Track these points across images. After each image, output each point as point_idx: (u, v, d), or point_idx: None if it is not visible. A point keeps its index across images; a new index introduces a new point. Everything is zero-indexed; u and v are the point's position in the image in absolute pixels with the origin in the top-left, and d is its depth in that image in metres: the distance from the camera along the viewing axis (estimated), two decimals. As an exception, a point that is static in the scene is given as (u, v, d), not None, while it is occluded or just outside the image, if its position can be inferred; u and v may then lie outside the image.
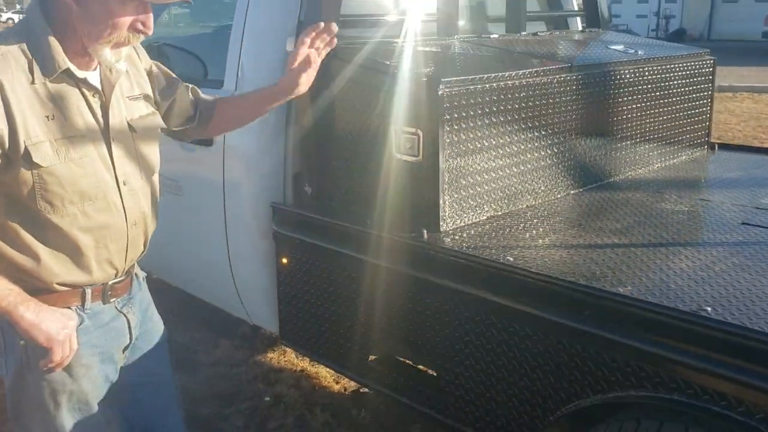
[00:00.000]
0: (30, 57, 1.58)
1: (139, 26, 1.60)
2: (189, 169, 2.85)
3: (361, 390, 3.43)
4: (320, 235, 2.43)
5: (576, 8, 3.69)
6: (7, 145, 1.54)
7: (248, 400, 3.32)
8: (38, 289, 1.65)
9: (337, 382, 3.50)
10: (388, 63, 2.35)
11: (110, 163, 1.70)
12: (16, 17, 65.12)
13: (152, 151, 1.84)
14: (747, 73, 16.98)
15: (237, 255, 2.74)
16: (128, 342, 1.88)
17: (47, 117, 1.59)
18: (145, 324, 1.94)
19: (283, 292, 2.61)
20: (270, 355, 3.76)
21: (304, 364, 3.67)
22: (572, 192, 2.63)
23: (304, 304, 2.54)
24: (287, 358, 3.72)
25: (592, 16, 3.61)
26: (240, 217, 2.66)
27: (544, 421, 1.87)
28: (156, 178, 1.88)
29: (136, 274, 1.92)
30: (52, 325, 1.62)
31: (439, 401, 2.15)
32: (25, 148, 1.55)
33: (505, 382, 1.94)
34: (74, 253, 1.68)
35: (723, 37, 28.33)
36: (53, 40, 1.59)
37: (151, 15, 1.62)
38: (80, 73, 1.64)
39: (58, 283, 1.68)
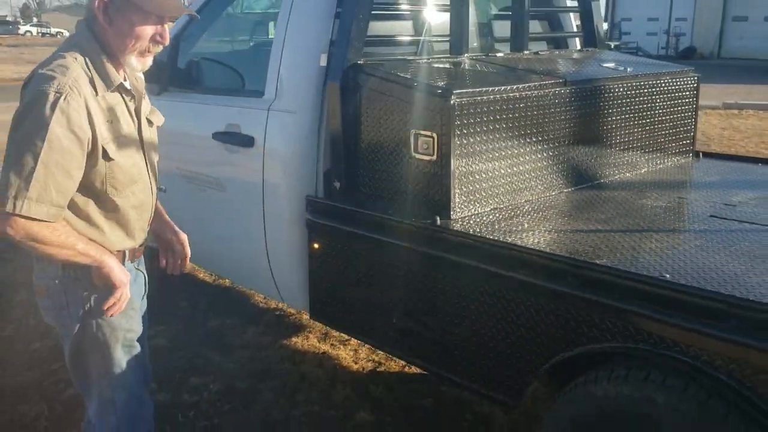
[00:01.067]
0: (90, 74, 1.98)
1: (158, 38, 2.04)
2: (232, 168, 3.27)
3: (378, 369, 3.83)
4: (347, 222, 2.83)
5: (575, 30, 4.09)
6: (90, 146, 1.97)
7: (277, 378, 3.71)
8: None
9: (356, 363, 3.90)
10: (407, 76, 2.76)
11: (143, 153, 2.19)
12: (34, 30, 66.31)
13: (156, 143, 2.33)
14: (754, 91, 17.28)
15: (273, 242, 3.14)
16: (144, 292, 2.36)
17: (109, 122, 2.03)
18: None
19: (313, 273, 3.01)
20: (294, 339, 4.16)
21: (326, 347, 4.06)
22: (565, 190, 3.02)
23: (332, 283, 2.94)
24: (310, 342, 4.12)
25: (589, 36, 4.01)
26: (277, 209, 3.07)
27: (538, 370, 2.25)
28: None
29: None
30: (123, 271, 2.10)
31: (448, 361, 2.54)
32: (102, 147, 1.99)
33: (505, 340, 2.33)
34: (126, 225, 2.16)
35: (733, 55, 28.66)
36: (107, 60, 2.02)
37: (167, 28, 2.06)
38: (126, 86, 2.09)
39: (117, 250, 2.15)
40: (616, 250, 2.25)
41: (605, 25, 31.32)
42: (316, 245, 2.97)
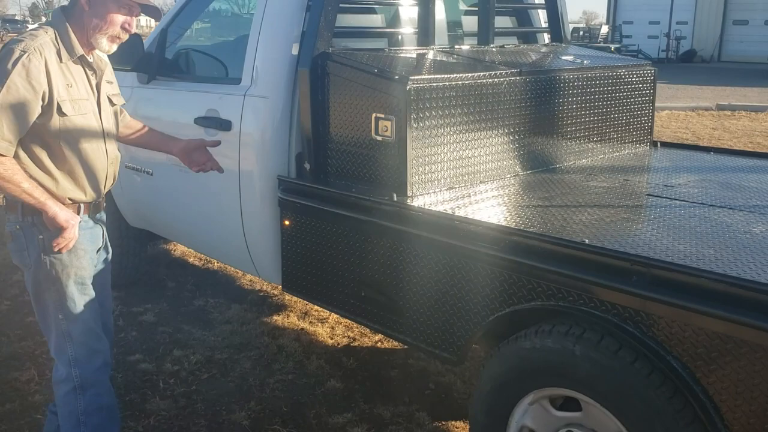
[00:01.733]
0: (57, 45, 2.39)
1: (126, 26, 2.46)
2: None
3: (352, 344, 4.06)
4: (317, 199, 3.06)
5: (543, 25, 4.32)
6: (47, 100, 2.33)
7: (256, 349, 3.94)
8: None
9: (332, 338, 4.13)
10: (369, 64, 2.99)
11: (99, 119, 2.55)
12: (43, 29, 66.90)
13: (115, 120, 2.70)
14: (750, 94, 17.46)
15: (249, 220, 3.37)
16: (101, 244, 2.69)
17: (68, 85, 2.40)
18: (105, 237, 2.74)
19: (285, 248, 3.24)
20: (275, 317, 4.39)
21: (304, 324, 4.29)
22: (519, 174, 3.24)
23: (303, 257, 3.17)
24: (290, 319, 4.35)
25: (555, 32, 4.23)
26: (252, 189, 3.29)
27: (478, 329, 2.47)
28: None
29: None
30: (68, 214, 2.43)
31: (403, 324, 2.76)
32: (57, 103, 2.35)
33: (450, 303, 2.55)
34: (77, 178, 2.49)
35: (733, 58, 28.79)
36: (73, 36, 2.42)
37: (134, 19, 2.48)
38: (88, 59, 2.47)
39: (68, 198, 2.48)
40: (548, 222, 2.48)
41: (605, 28, 31.51)
42: (287, 222, 3.20)
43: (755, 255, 2.10)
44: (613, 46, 26.69)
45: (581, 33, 30.07)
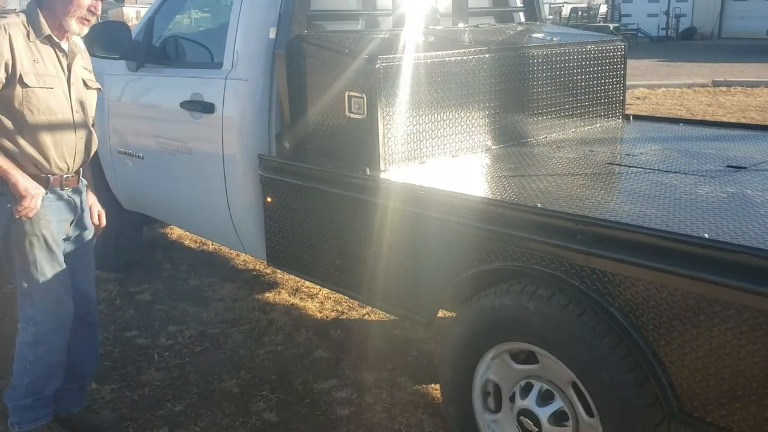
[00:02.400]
0: (27, 27, 2.65)
1: (93, 9, 2.68)
2: (196, 133, 3.66)
3: (339, 318, 4.23)
4: (296, 176, 3.22)
5: (518, 4, 4.45)
6: (10, 71, 2.56)
7: (247, 324, 4.12)
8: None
9: (320, 312, 4.30)
10: (344, 45, 3.13)
11: (69, 95, 2.75)
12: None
13: (92, 104, 2.90)
14: (748, 69, 17.45)
15: (233, 198, 3.53)
16: (73, 218, 2.87)
17: (34, 61, 2.64)
18: (83, 217, 2.93)
19: (268, 224, 3.41)
20: (267, 294, 4.57)
21: (294, 300, 4.47)
22: (491, 148, 3.39)
23: (285, 231, 3.33)
24: (281, 296, 4.53)
25: (529, 11, 4.37)
26: (235, 167, 3.46)
27: (444, 292, 2.64)
28: (92, 120, 2.91)
29: (82, 179, 2.91)
30: (30, 183, 2.65)
31: (376, 291, 2.93)
32: (20, 74, 2.58)
33: (419, 269, 2.71)
34: (42, 148, 2.69)
35: (734, 35, 28.68)
36: (42, 17, 2.66)
37: (99, 2, 2.70)
38: (56, 40, 2.69)
39: (34, 165, 2.68)
40: (509, 190, 2.63)
41: (604, 8, 31.42)
42: (269, 199, 3.36)
43: (695, 213, 2.25)
44: (611, 26, 26.66)
45: (580, 13, 29.99)
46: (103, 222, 3.09)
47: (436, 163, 3.13)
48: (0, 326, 4.03)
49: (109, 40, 3.80)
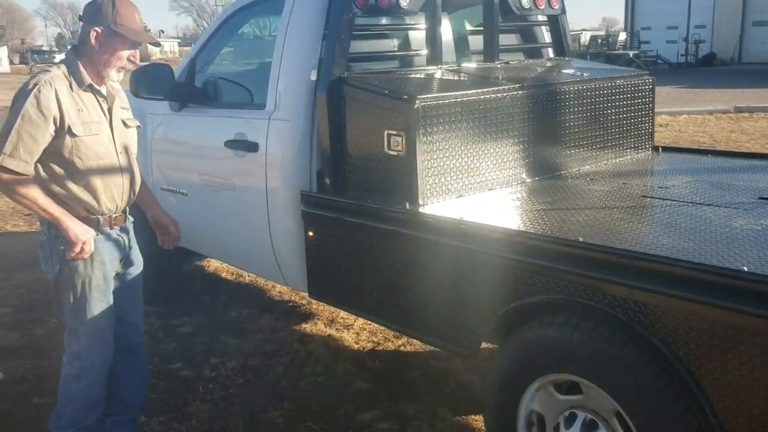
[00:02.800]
0: (69, 78, 2.80)
1: (131, 58, 2.87)
2: (240, 170, 3.80)
3: (376, 348, 4.32)
4: (336, 210, 3.33)
5: (547, 41, 4.57)
6: (59, 124, 2.72)
7: (287, 355, 4.22)
8: (72, 215, 2.80)
9: (357, 343, 4.39)
10: (382, 86, 3.26)
11: (112, 139, 2.91)
12: (70, 59, 69.05)
13: (134, 141, 3.07)
14: (770, 95, 17.48)
15: (276, 232, 3.65)
16: (122, 256, 3.04)
17: (79, 110, 2.79)
18: (131, 254, 3.11)
19: (310, 257, 3.52)
20: (303, 325, 4.67)
21: (331, 331, 4.56)
22: (525, 181, 3.48)
23: (326, 265, 3.44)
24: (318, 327, 4.63)
25: (558, 46, 4.48)
26: (278, 203, 3.58)
27: (488, 325, 2.72)
28: (135, 157, 3.06)
29: (129, 216, 3.08)
30: (80, 229, 2.79)
31: (419, 323, 3.02)
32: (69, 126, 2.74)
33: (462, 301, 2.80)
34: (92, 192, 2.85)
35: (754, 60, 28.69)
36: (82, 68, 2.82)
37: (138, 51, 2.89)
38: (97, 87, 2.86)
39: (85, 210, 2.85)
40: (548, 223, 2.72)
41: (623, 35, 31.57)
42: (311, 233, 3.48)
43: (732, 246, 2.32)
44: (631, 53, 26.81)
45: (599, 41, 30.19)
46: (178, 232, 3.30)
47: (474, 196, 3.23)
48: (47, 359, 4.16)
49: (153, 81, 3.99)
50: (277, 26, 3.70)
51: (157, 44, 3.31)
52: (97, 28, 2.78)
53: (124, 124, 3.00)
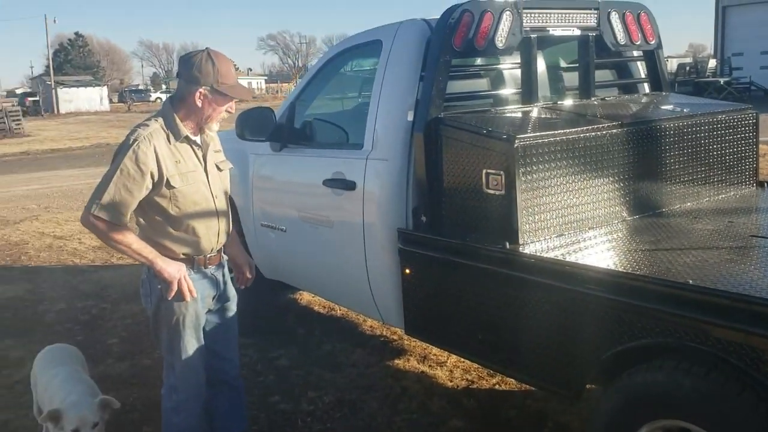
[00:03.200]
0: (166, 131, 2.92)
1: (230, 110, 3.01)
2: (338, 208, 3.90)
3: (471, 387, 4.29)
4: (433, 249, 3.37)
5: (642, 75, 4.51)
6: (157, 177, 2.86)
7: (381, 390, 4.25)
8: (169, 257, 2.97)
9: (451, 381, 4.38)
10: (480, 126, 3.30)
11: (208, 185, 3.04)
12: (163, 96, 72.58)
13: (227, 182, 3.21)
14: None
15: (373, 269, 3.72)
16: (216, 293, 3.18)
17: (176, 162, 2.92)
18: (226, 290, 3.24)
19: (406, 294, 3.56)
20: (396, 360, 4.70)
21: (424, 367, 4.57)
22: (625, 219, 3.43)
23: (423, 302, 3.47)
24: (411, 363, 4.64)
25: (655, 81, 4.42)
26: (375, 240, 3.65)
27: (601, 356, 2.66)
28: (228, 198, 3.19)
29: (223, 255, 3.22)
30: (172, 268, 2.94)
31: (521, 364, 3.00)
32: (167, 178, 2.87)
33: (566, 343, 2.77)
34: (191, 236, 3.00)
35: None
36: (179, 121, 2.94)
37: (234, 104, 3.02)
38: (192, 137, 2.99)
39: (182, 253, 3.01)
40: (655, 264, 2.67)
41: (713, 62, 30.58)
42: (407, 270, 3.53)
43: None
44: (722, 80, 25.92)
45: (687, 68, 29.30)
46: (252, 273, 3.42)
47: (575, 235, 3.20)
48: (154, 389, 4.33)
49: (256, 124, 4.17)
50: (374, 69, 3.80)
51: (249, 98, 3.51)
52: (201, 89, 2.88)
53: (218, 167, 3.13)
